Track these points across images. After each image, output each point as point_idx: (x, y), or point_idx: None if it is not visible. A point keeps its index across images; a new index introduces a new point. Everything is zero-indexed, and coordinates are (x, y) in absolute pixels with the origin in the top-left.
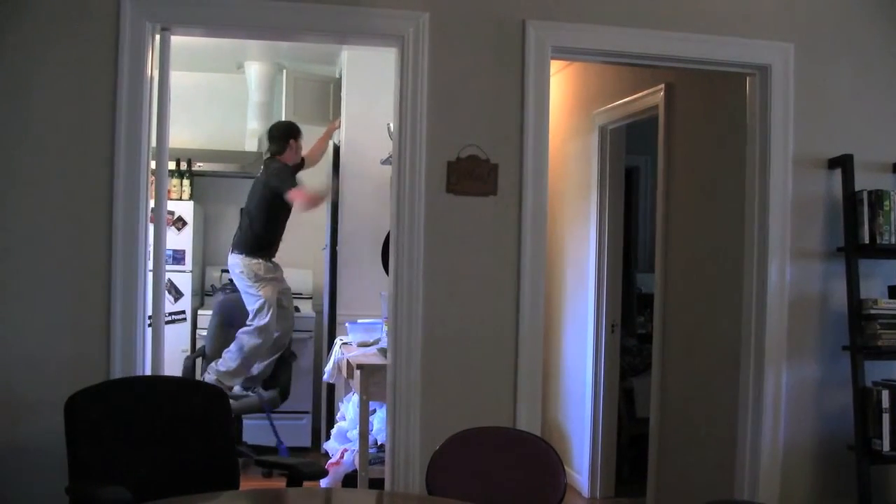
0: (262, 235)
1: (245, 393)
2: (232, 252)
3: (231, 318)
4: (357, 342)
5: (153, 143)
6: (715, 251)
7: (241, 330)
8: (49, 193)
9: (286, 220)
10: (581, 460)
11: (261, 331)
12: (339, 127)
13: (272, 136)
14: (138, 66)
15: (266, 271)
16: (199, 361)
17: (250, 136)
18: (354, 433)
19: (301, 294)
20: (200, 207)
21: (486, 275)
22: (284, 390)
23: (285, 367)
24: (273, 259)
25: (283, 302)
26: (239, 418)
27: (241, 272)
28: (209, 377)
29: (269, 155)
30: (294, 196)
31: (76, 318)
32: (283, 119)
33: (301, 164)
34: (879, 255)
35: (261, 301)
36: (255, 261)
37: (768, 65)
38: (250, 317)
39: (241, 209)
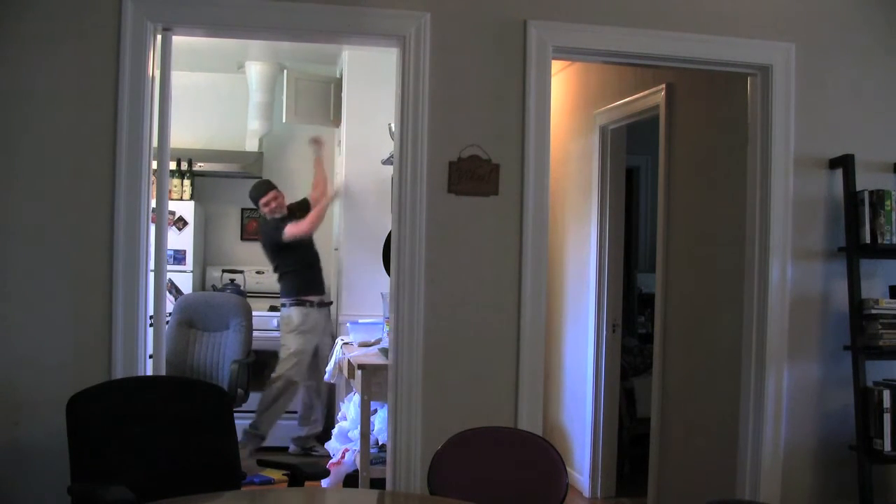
0: (291, 274)
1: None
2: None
3: (190, 318)
4: (358, 342)
5: (154, 142)
6: (716, 251)
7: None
8: (50, 193)
9: (302, 253)
10: (582, 460)
11: (285, 384)
12: (322, 157)
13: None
14: (140, 66)
15: (301, 320)
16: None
17: (251, 136)
18: (356, 433)
19: None
20: (201, 207)
21: (488, 275)
22: (245, 390)
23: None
24: (316, 302)
25: (321, 352)
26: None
27: (283, 322)
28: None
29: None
30: (290, 231)
31: (78, 318)
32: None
33: (305, 204)
34: (880, 255)
35: (288, 352)
36: (296, 309)
37: (769, 65)
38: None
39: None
